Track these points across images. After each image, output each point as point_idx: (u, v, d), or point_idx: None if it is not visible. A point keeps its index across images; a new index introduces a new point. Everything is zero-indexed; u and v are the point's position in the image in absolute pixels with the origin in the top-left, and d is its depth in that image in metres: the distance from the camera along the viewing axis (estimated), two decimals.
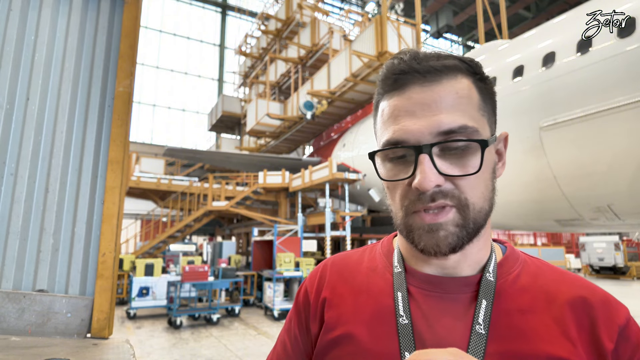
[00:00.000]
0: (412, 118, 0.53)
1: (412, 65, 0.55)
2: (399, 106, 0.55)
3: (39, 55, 2.77)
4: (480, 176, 0.54)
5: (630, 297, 13.08)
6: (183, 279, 8.51)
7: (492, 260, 0.60)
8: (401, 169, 0.56)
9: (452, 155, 0.53)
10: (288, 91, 18.01)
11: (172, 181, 15.65)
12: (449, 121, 0.52)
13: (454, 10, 25.18)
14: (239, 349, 6.42)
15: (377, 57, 10.76)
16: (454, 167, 0.53)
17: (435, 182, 0.51)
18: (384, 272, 0.64)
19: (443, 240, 0.53)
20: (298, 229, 11.57)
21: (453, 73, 0.55)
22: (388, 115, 0.57)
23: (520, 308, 0.56)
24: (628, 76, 5.15)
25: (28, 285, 2.54)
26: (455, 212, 0.53)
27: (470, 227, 0.54)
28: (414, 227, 0.55)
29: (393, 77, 0.56)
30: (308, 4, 17.52)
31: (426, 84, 0.54)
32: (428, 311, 0.57)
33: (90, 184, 2.72)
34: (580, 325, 0.54)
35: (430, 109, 0.53)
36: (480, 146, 0.53)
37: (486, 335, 0.53)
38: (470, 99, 0.55)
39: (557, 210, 6.94)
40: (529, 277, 0.60)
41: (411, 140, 0.53)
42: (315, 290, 0.68)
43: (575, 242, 28.04)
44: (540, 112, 6.27)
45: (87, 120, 2.79)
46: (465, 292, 0.58)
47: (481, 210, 0.55)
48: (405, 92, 0.55)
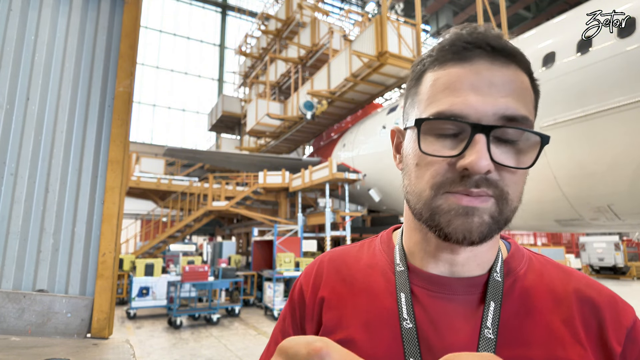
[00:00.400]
0: (477, 94, 0.48)
1: (487, 39, 0.50)
2: (462, 78, 0.50)
3: (39, 55, 2.77)
4: (525, 174, 0.52)
5: (631, 297, 13.08)
6: (183, 279, 8.51)
7: (500, 259, 0.57)
8: (446, 145, 0.50)
9: (506, 145, 0.50)
10: (288, 91, 18.02)
11: (172, 181, 15.66)
12: (516, 107, 0.48)
13: (454, 10, 25.19)
14: (239, 349, 6.42)
15: (377, 57, 10.76)
16: (507, 158, 0.49)
17: (488, 166, 0.47)
18: (385, 271, 0.60)
19: (477, 227, 0.48)
20: (298, 229, 11.57)
21: (520, 64, 0.52)
22: (445, 85, 0.51)
23: (528, 309, 0.53)
24: (628, 76, 5.15)
25: (28, 285, 2.55)
26: (494, 202, 0.49)
27: (502, 223, 0.50)
28: (443, 208, 0.49)
29: (461, 46, 0.51)
30: (308, 4, 17.53)
31: (497, 63, 0.50)
32: (433, 314, 0.54)
33: (90, 184, 2.72)
34: (587, 327, 0.52)
35: (499, 89, 0.49)
36: (541, 141, 0.50)
37: (495, 340, 0.50)
38: (530, 95, 0.52)
39: (557, 210, 6.94)
40: (535, 275, 0.57)
41: (472, 116, 0.48)
42: (311, 288, 0.64)
43: (575, 242, 28.03)
44: (540, 112, 6.26)
45: (87, 120, 2.79)
46: (472, 294, 0.55)
47: (515, 208, 0.52)
48: (473, 64, 0.50)
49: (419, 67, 0.56)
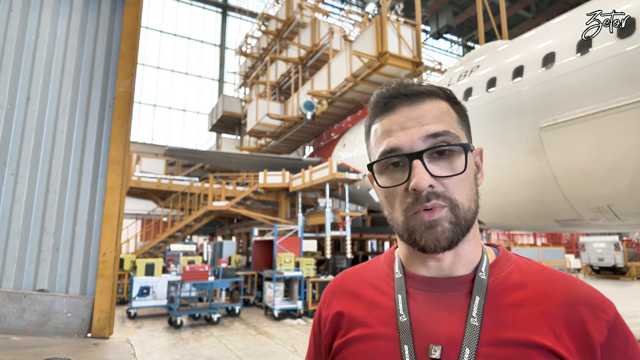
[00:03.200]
0: (403, 130, 0.63)
1: (399, 90, 0.65)
2: (392, 123, 0.64)
3: (39, 56, 2.78)
4: (465, 178, 0.62)
5: (630, 297, 13.07)
6: (183, 278, 8.52)
7: (484, 260, 0.66)
8: (397, 177, 0.63)
9: (441, 159, 0.62)
10: (288, 91, 18.02)
11: (173, 181, 15.66)
12: (436, 125, 0.62)
13: (454, 10, 25.17)
14: (239, 348, 6.42)
15: (377, 58, 10.76)
16: (443, 170, 0.61)
17: (428, 182, 0.59)
18: (387, 279, 0.71)
19: (441, 234, 0.59)
20: (298, 229, 11.58)
21: (434, 96, 0.65)
22: (381, 132, 0.66)
23: (511, 303, 0.61)
24: (628, 76, 5.15)
25: (29, 285, 2.55)
26: (448, 210, 0.60)
27: (462, 224, 0.61)
28: (415, 227, 0.61)
29: (384, 101, 0.66)
30: (308, 5, 17.53)
31: (413, 104, 0.64)
32: (425, 308, 0.63)
33: (90, 184, 2.72)
34: (569, 322, 0.58)
35: (419, 120, 0.62)
36: (464, 149, 0.62)
37: (479, 327, 0.59)
38: (450, 114, 0.65)
39: (557, 211, 6.94)
40: (520, 274, 0.65)
41: (405, 148, 0.62)
42: (326, 306, 0.76)
43: (575, 242, 28.01)
44: (540, 112, 6.27)
45: (88, 120, 2.79)
46: (460, 290, 0.63)
47: (469, 209, 0.62)
48: (396, 112, 0.65)
49: (367, 122, 0.72)
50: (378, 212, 14.84)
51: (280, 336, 7.33)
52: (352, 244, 13.62)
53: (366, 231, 14.67)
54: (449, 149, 0.61)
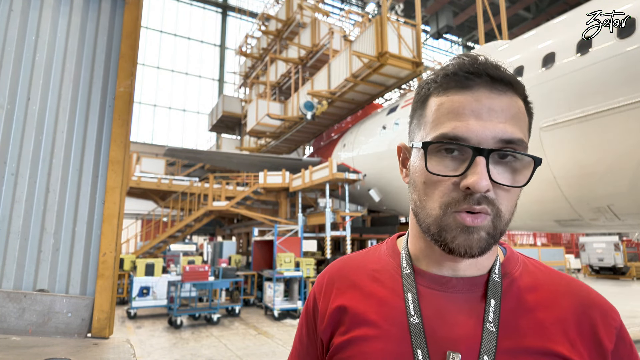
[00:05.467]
0: (477, 119, 0.54)
1: (487, 69, 0.56)
2: (464, 104, 0.55)
3: (39, 56, 2.78)
4: (519, 191, 0.58)
5: (630, 297, 13.07)
6: (183, 278, 8.52)
7: (497, 262, 0.63)
8: (450, 165, 0.56)
9: (503, 164, 0.56)
10: (288, 91, 18.02)
11: (173, 181, 15.66)
12: (512, 131, 0.55)
13: (454, 10, 25.17)
14: (239, 348, 6.42)
15: (377, 58, 10.76)
16: (503, 177, 0.55)
17: (487, 186, 0.53)
18: (393, 274, 0.66)
19: (477, 243, 0.55)
20: (298, 229, 11.58)
21: (516, 91, 0.58)
22: (448, 110, 0.56)
23: (524, 307, 0.59)
24: (628, 77, 5.16)
25: (29, 285, 2.55)
26: (490, 220, 0.55)
27: (497, 237, 0.56)
28: (451, 226, 0.55)
29: (464, 75, 0.57)
30: (308, 5, 17.53)
31: (495, 91, 0.56)
32: (439, 310, 0.59)
33: (91, 184, 2.72)
34: (580, 327, 0.57)
35: (497, 115, 0.55)
36: (534, 163, 0.56)
37: (497, 333, 0.56)
38: (524, 118, 0.59)
39: (557, 211, 6.95)
40: (530, 277, 0.63)
41: (472, 140, 0.54)
42: (323, 296, 0.69)
43: (575, 242, 28.01)
44: (540, 112, 6.27)
45: (88, 120, 2.79)
46: (474, 292, 0.60)
47: (507, 223, 0.57)
48: (474, 92, 0.56)
49: (423, 90, 0.62)
50: (378, 212, 14.84)
51: (280, 336, 7.33)
52: (352, 244, 13.61)
53: (366, 231, 14.66)
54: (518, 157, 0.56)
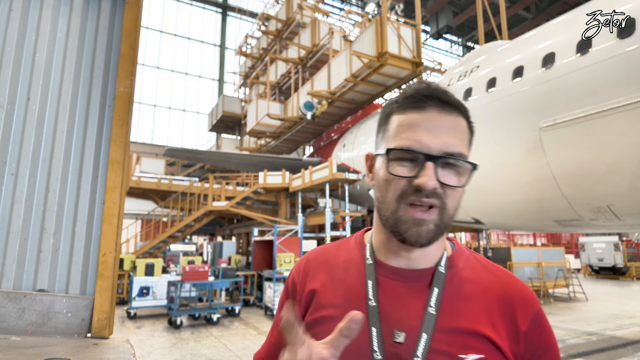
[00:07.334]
0: (427, 132, 0.68)
1: (437, 93, 0.70)
2: (419, 121, 0.69)
3: (39, 56, 2.78)
4: (460, 192, 0.70)
5: (630, 297, 13.07)
6: (183, 278, 8.51)
7: (444, 256, 0.76)
8: (407, 169, 0.68)
9: (449, 169, 0.68)
10: (288, 91, 18.01)
11: (173, 181, 15.66)
12: (455, 144, 0.68)
13: (454, 11, 25.17)
14: (239, 348, 6.42)
15: (377, 58, 10.75)
16: (449, 179, 0.68)
17: (434, 186, 0.66)
18: (358, 264, 0.78)
19: (425, 233, 0.67)
20: (298, 229, 11.57)
21: (460, 111, 0.71)
22: (407, 125, 0.70)
23: (462, 296, 0.72)
24: (627, 77, 5.15)
25: (28, 285, 2.55)
26: (437, 213, 0.67)
27: (443, 228, 0.69)
28: (403, 218, 0.68)
29: (419, 98, 0.70)
30: (308, 5, 17.52)
31: (443, 112, 0.69)
32: (392, 296, 0.72)
33: (90, 184, 2.72)
34: (503, 313, 0.71)
35: (444, 131, 0.68)
36: (472, 169, 0.70)
37: (436, 315, 0.69)
38: (466, 134, 0.72)
39: (556, 211, 6.94)
40: (471, 271, 0.76)
41: (424, 149, 0.67)
42: (301, 279, 0.83)
43: (574, 242, 28.01)
44: (540, 112, 6.27)
45: (88, 120, 2.79)
46: (422, 281, 0.73)
47: (452, 217, 0.70)
48: (425, 112, 0.69)
49: (387, 109, 0.76)
50: None
51: None
52: None
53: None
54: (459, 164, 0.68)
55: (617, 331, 7.79)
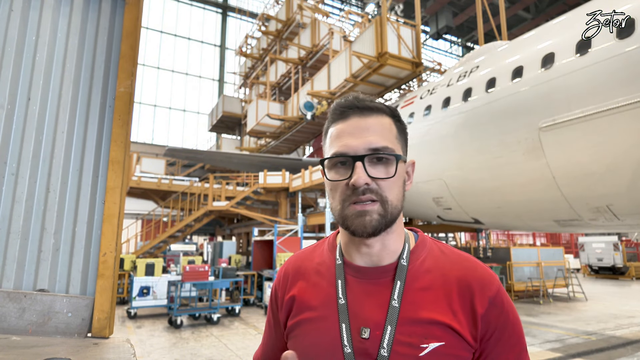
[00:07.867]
0: (352, 137, 0.75)
1: (354, 102, 0.78)
2: (343, 129, 0.77)
3: (40, 56, 2.78)
4: (395, 182, 0.76)
5: (629, 297, 13.08)
6: (183, 278, 8.52)
7: (406, 248, 0.80)
8: (342, 173, 0.76)
9: (379, 165, 0.75)
10: (288, 92, 18.02)
11: (173, 181, 15.67)
12: (377, 141, 0.75)
13: (454, 11, 25.18)
14: (239, 348, 6.43)
15: (377, 58, 10.76)
16: (379, 173, 0.74)
17: (365, 181, 0.72)
18: (330, 265, 0.85)
19: (369, 222, 0.72)
20: (298, 229, 11.58)
21: (380, 112, 0.78)
22: (335, 136, 0.78)
23: (423, 286, 0.76)
24: (627, 77, 5.16)
25: (29, 285, 2.56)
26: (379, 205, 0.73)
27: (388, 218, 0.74)
28: (348, 215, 0.74)
29: (340, 110, 0.79)
30: (308, 5, 17.53)
31: (362, 116, 0.77)
32: (358, 294, 0.78)
33: (91, 184, 2.73)
34: (462, 299, 0.75)
35: (367, 131, 0.75)
36: (396, 159, 0.76)
37: (399, 308, 0.74)
38: (391, 130, 0.78)
39: (556, 211, 6.95)
40: (432, 260, 0.80)
41: (350, 152, 0.74)
42: (280, 288, 0.90)
43: (574, 242, 28.02)
44: (539, 112, 6.27)
45: (88, 120, 2.80)
46: (385, 277, 0.78)
47: (396, 207, 0.75)
48: (348, 120, 0.78)
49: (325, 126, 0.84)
50: None
51: None
52: None
53: None
54: (386, 157, 0.75)
55: (617, 331, 7.79)
